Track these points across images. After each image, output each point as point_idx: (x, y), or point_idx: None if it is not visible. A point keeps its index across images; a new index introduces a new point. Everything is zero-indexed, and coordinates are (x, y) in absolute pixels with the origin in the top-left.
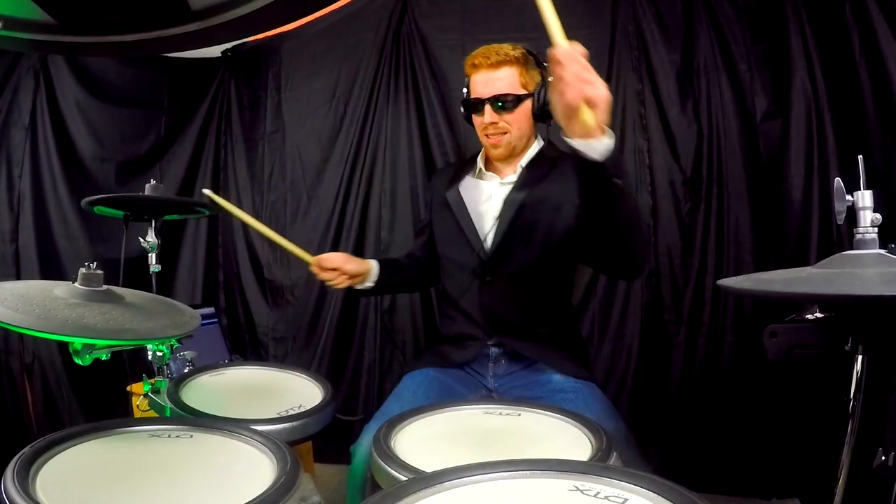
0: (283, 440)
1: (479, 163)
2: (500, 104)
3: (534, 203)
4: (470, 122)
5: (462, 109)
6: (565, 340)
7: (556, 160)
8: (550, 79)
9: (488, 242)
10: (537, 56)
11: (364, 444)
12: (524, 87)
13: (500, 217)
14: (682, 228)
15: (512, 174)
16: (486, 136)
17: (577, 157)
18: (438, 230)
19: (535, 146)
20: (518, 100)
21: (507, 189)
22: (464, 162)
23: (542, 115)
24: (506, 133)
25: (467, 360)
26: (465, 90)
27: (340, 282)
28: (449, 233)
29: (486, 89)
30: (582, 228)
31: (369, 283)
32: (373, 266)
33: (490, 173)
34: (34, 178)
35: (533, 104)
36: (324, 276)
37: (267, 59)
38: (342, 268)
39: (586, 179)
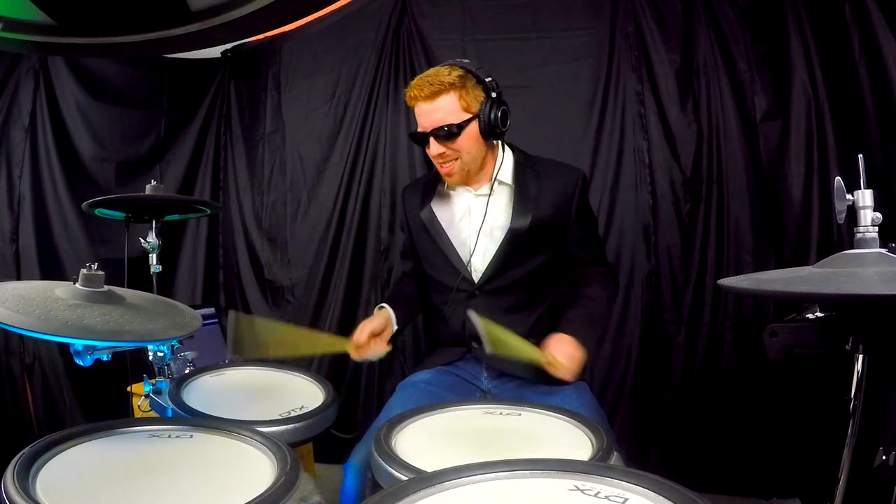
0: (286, 441)
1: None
2: (443, 135)
3: (537, 227)
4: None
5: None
6: None
7: (537, 170)
8: (494, 94)
9: (474, 264)
10: (477, 73)
11: (356, 463)
12: (466, 110)
13: (502, 244)
14: (682, 228)
15: (485, 186)
16: (439, 165)
17: (560, 168)
18: (421, 251)
19: (504, 157)
20: (460, 127)
21: (482, 202)
22: (430, 176)
23: (493, 133)
24: (456, 159)
25: (460, 357)
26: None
27: (380, 346)
28: (431, 255)
29: (427, 121)
30: (570, 240)
31: (395, 328)
32: (390, 313)
33: (460, 185)
34: (34, 179)
35: (480, 124)
36: (366, 352)
37: (267, 59)
38: (375, 329)
39: None
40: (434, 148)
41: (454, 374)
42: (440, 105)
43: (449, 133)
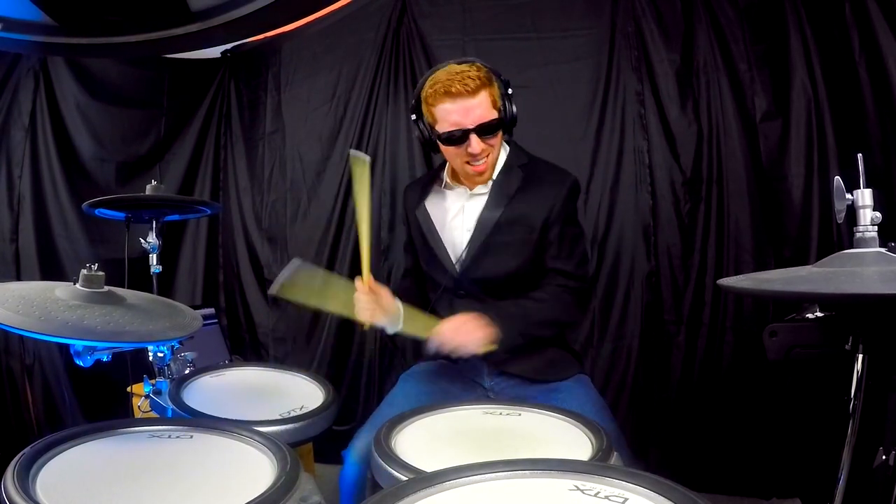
0: (286, 441)
1: (445, 175)
2: (485, 131)
3: (508, 221)
4: (433, 150)
5: (424, 139)
6: (546, 345)
7: (525, 170)
8: (510, 91)
9: (463, 263)
10: (495, 71)
11: (356, 449)
12: (495, 106)
13: (472, 236)
14: (682, 228)
15: (481, 185)
16: (469, 164)
17: (550, 170)
18: (417, 248)
19: (502, 155)
20: (499, 123)
21: (477, 201)
22: (429, 175)
23: (510, 129)
24: (489, 155)
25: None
26: (419, 115)
27: (373, 310)
28: (424, 252)
29: (468, 118)
30: (546, 246)
31: (399, 327)
32: (400, 309)
33: (456, 184)
34: (34, 179)
35: (504, 121)
36: (365, 297)
37: (267, 59)
38: (382, 296)
39: None
40: (476, 146)
41: (456, 368)
42: (481, 101)
43: (492, 128)
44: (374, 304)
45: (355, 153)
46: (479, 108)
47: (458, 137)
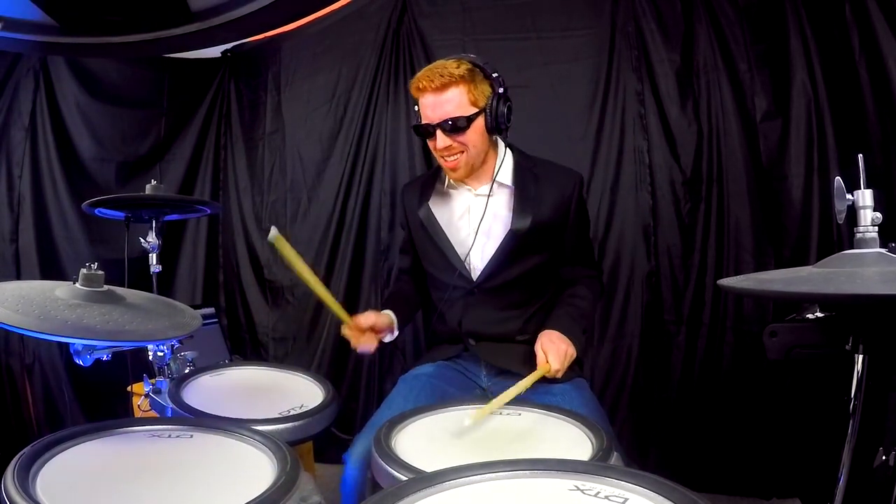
0: (284, 440)
1: (447, 175)
2: (450, 128)
3: (535, 224)
4: (425, 143)
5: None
6: None
7: (536, 172)
8: (502, 90)
9: (472, 261)
10: (485, 68)
11: (357, 453)
12: (474, 104)
13: (504, 239)
14: (682, 228)
15: (485, 185)
16: (443, 158)
17: (558, 171)
18: (419, 249)
19: (504, 156)
20: (469, 120)
21: (481, 201)
22: (429, 175)
23: (497, 128)
24: (462, 153)
25: (458, 354)
26: (416, 109)
27: (373, 343)
28: (429, 253)
29: (435, 113)
30: (567, 242)
31: (395, 334)
32: (394, 319)
33: (461, 184)
34: (34, 179)
35: (486, 119)
36: (361, 340)
37: (267, 59)
38: (377, 324)
39: None
40: (441, 141)
41: (455, 369)
42: (449, 97)
43: (458, 126)
44: (372, 336)
45: (271, 235)
46: (446, 104)
47: (425, 131)
